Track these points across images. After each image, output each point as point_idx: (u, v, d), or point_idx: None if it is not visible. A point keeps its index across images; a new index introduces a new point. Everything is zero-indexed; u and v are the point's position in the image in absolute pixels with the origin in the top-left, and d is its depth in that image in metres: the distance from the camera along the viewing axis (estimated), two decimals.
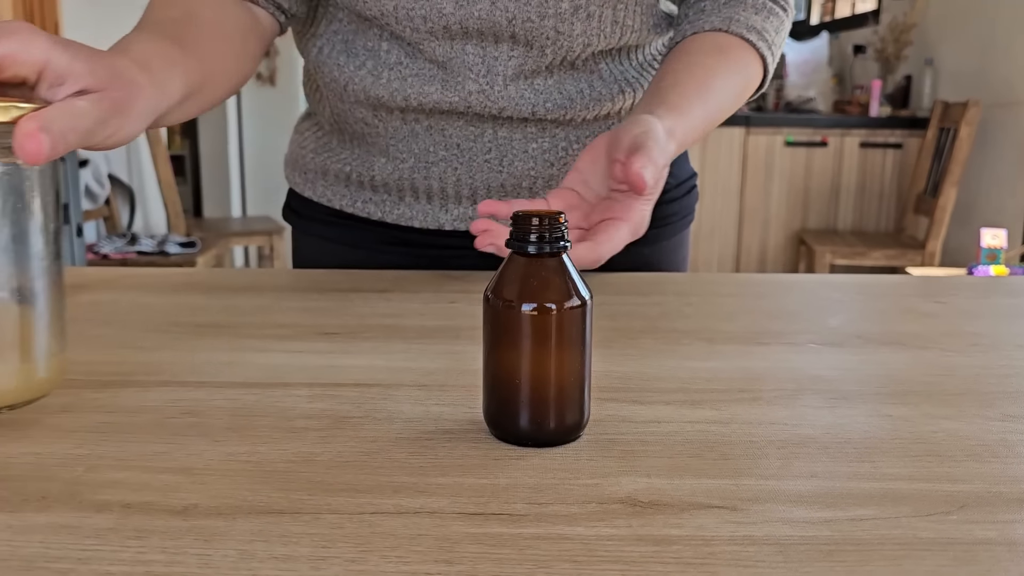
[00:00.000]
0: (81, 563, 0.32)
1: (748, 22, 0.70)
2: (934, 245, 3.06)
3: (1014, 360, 0.58)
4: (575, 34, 0.71)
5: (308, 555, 0.33)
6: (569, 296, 0.42)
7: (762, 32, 0.70)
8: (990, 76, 3.21)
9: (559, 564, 0.32)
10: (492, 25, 0.68)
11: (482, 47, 0.71)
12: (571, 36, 0.71)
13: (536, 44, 0.71)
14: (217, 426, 0.45)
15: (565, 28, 0.70)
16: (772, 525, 0.35)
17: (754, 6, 0.71)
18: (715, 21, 0.70)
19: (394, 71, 0.73)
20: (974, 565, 0.33)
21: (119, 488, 0.38)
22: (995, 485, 0.39)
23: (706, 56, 0.69)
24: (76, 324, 0.64)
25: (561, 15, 0.69)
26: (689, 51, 0.70)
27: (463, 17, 0.68)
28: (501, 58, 0.71)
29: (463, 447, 0.43)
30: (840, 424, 0.46)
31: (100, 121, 0.47)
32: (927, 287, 0.81)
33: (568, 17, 0.69)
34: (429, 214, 0.81)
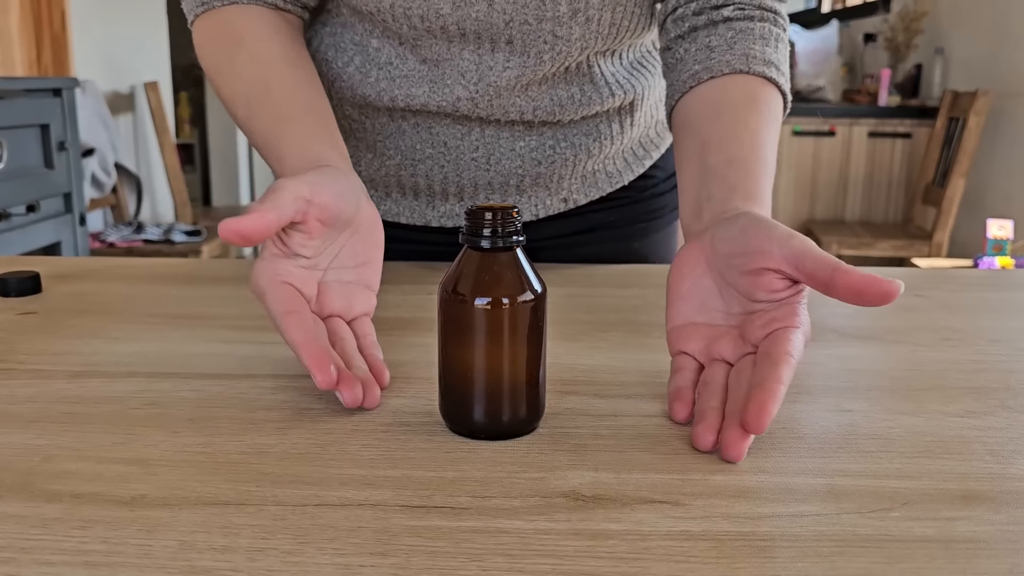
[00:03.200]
0: (23, 552, 0.33)
1: (764, 57, 0.64)
2: (941, 236, 3.04)
3: (984, 355, 0.58)
4: (573, 38, 0.69)
5: (247, 546, 0.33)
6: (522, 290, 0.42)
7: (778, 65, 0.65)
8: (1001, 66, 3.18)
9: (493, 557, 0.33)
10: (489, 27, 0.67)
11: (478, 54, 0.69)
12: (569, 40, 0.69)
13: (533, 50, 0.69)
14: (178, 417, 0.46)
15: (563, 32, 0.68)
16: (711, 520, 0.36)
17: (763, 36, 0.66)
18: (732, 61, 0.63)
19: (383, 71, 0.72)
20: (907, 563, 0.33)
21: (72, 479, 0.39)
22: (943, 482, 0.39)
23: (746, 115, 0.61)
24: (53, 314, 0.65)
25: (559, 18, 0.67)
26: (720, 109, 0.62)
27: (460, 18, 0.67)
28: (496, 68, 0.70)
29: (417, 440, 0.43)
30: (797, 419, 0.46)
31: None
32: (911, 280, 0.81)
33: (566, 21, 0.67)
34: (416, 210, 0.81)
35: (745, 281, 0.47)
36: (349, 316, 0.52)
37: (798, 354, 0.44)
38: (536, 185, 0.79)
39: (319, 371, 0.43)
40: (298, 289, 0.49)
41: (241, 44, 0.65)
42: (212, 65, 0.68)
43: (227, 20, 0.67)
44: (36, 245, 2.03)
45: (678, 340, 0.50)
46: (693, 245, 0.52)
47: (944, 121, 3.24)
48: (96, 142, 2.79)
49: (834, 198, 3.64)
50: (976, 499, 0.38)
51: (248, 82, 0.64)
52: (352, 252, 0.53)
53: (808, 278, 0.44)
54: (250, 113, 0.63)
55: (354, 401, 0.45)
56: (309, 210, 0.48)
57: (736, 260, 0.48)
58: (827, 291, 0.43)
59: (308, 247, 0.50)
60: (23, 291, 0.70)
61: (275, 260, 0.49)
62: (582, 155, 0.79)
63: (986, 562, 0.33)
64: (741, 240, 0.48)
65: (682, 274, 0.51)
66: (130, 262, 0.84)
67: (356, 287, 0.53)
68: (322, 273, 0.52)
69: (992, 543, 0.34)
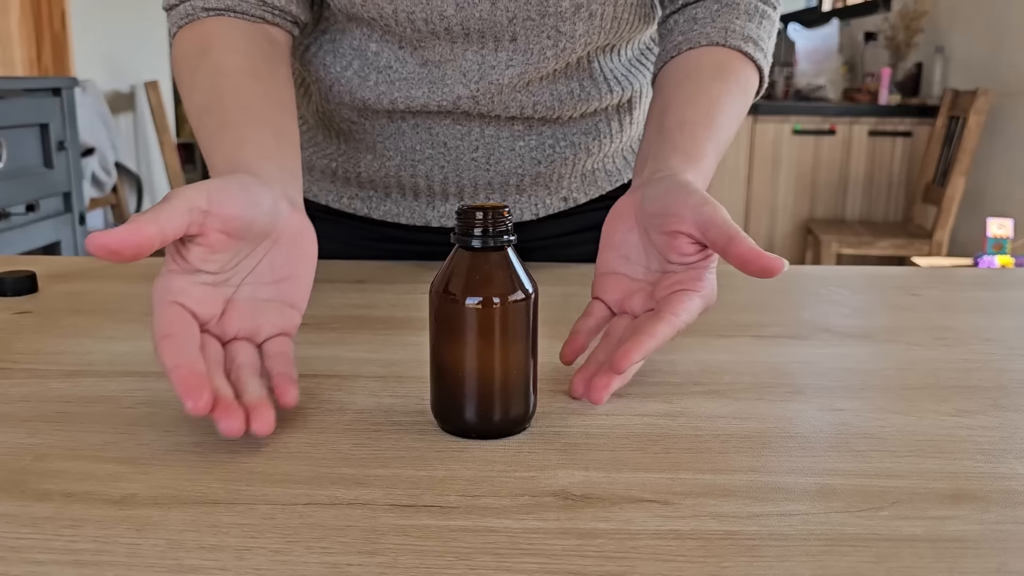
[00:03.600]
0: (12, 551, 0.33)
1: (744, 32, 0.66)
2: (942, 235, 3.04)
3: (977, 355, 0.58)
4: (577, 34, 0.69)
5: (235, 545, 0.33)
6: (513, 290, 0.42)
7: (758, 41, 0.67)
8: (1001, 65, 3.18)
9: (480, 556, 0.33)
10: (493, 25, 0.67)
11: (481, 54, 0.69)
12: (572, 37, 0.69)
13: (536, 47, 0.69)
14: (170, 416, 0.46)
15: (566, 28, 0.68)
16: (700, 519, 0.36)
17: (747, 12, 0.67)
18: (711, 33, 0.66)
19: (383, 74, 0.72)
20: (895, 562, 0.33)
21: (63, 477, 0.39)
22: (932, 481, 0.39)
23: (710, 82, 0.63)
24: (49, 314, 0.65)
25: (562, 14, 0.67)
26: (689, 74, 0.64)
27: (464, 18, 0.66)
28: (499, 67, 0.69)
29: (408, 439, 0.43)
30: (788, 418, 0.46)
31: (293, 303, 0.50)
32: (907, 279, 0.81)
33: (569, 16, 0.67)
34: (416, 211, 0.81)
35: (662, 241, 0.51)
36: (260, 337, 0.47)
37: (688, 316, 0.48)
38: (536, 184, 0.79)
39: (187, 396, 0.39)
40: (190, 309, 0.44)
41: (207, 55, 0.62)
42: (178, 77, 0.65)
43: (204, 32, 0.64)
44: (36, 244, 2.04)
45: (599, 287, 0.54)
46: (628, 198, 0.55)
47: (944, 120, 3.24)
48: (96, 141, 2.79)
49: (834, 197, 3.64)
50: (965, 498, 0.38)
51: (204, 93, 0.60)
52: (271, 267, 0.49)
53: (711, 243, 0.48)
54: (199, 124, 0.59)
55: (231, 430, 0.39)
56: (207, 221, 0.44)
57: (656, 220, 0.51)
58: (724, 257, 0.47)
59: (211, 262, 0.45)
60: (19, 290, 0.70)
61: (171, 276, 0.44)
62: (582, 154, 0.79)
63: (974, 561, 0.33)
64: (663, 201, 0.51)
65: (616, 224, 0.54)
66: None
67: (273, 304, 0.48)
68: (233, 290, 0.47)
69: (980, 542, 0.34)
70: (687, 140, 0.58)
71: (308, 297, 0.50)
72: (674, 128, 0.60)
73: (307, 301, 0.50)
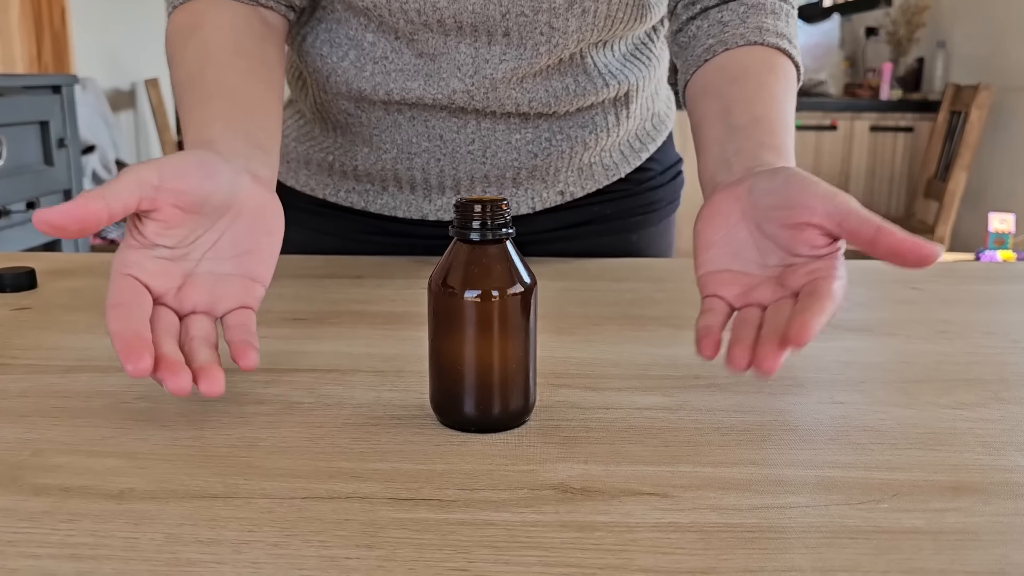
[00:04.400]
0: (10, 546, 0.33)
1: (777, 29, 0.65)
2: (943, 230, 3.03)
3: (979, 348, 0.57)
4: (570, 30, 0.68)
5: (233, 539, 0.33)
6: (512, 283, 0.42)
7: (790, 38, 0.66)
8: (1003, 60, 3.17)
9: (479, 550, 0.33)
10: (486, 19, 0.67)
11: (475, 47, 0.69)
12: (566, 32, 0.68)
13: (530, 42, 0.69)
14: (168, 411, 0.46)
15: (559, 24, 0.68)
16: (699, 512, 0.35)
17: (774, 10, 0.66)
18: (747, 33, 0.65)
19: (379, 65, 0.72)
20: (895, 554, 0.33)
21: (61, 472, 0.39)
22: (933, 473, 0.39)
23: (767, 80, 0.62)
24: (49, 310, 0.65)
25: (555, 10, 0.67)
26: (739, 73, 0.63)
27: (457, 11, 0.67)
28: (492, 60, 0.69)
29: (407, 433, 0.43)
30: (789, 411, 0.46)
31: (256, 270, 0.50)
32: (909, 273, 0.80)
33: (563, 12, 0.67)
34: (412, 204, 0.81)
35: (785, 234, 0.47)
36: (219, 311, 0.47)
37: (839, 299, 0.44)
38: (532, 178, 0.79)
39: (128, 358, 0.39)
40: (144, 282, 0.44)
41: (195, 32, 0.63)
42: (168, 53, 0.65)
43: (196, 10, 0.65)
44: (36, 242, 2.04)
45: (712, 284, 0.49)
46: (726, 194, 0.51)
47: (946, 115, 3.23)
48: (97, 139, 2.79)
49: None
50: (966, 490, 0.38)
51: (187, 68, 0.60)
52: (233, 240, 0.48)
53: (851, 236, 0.45)
54: (179, 99, 0.59)
55: (178, 389, 0.40)
56: (159, 196, 0.44)
57: (777, 213, 0.47)
58: (870, 250, 0.43)
59: (168, 236, 0.45)
60: (18, 287, 0.70)
61: (126, 251, 0.45)
62: (578, 147, 0.79)
63: (974, 553, 0.33)
64: (784, 193, 0.47)
65: (714, 223, 0.50)
66: None
67: (233, 279, 0.48)
68: (194, 264, 0.47)
69: (981, 534, 0.34)
70: (769, 136, 0.56)
71: (272, 270, 0.50)
72: (751, 125, 0.57)
73: (271, 274, 0.50)
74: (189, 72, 0.60)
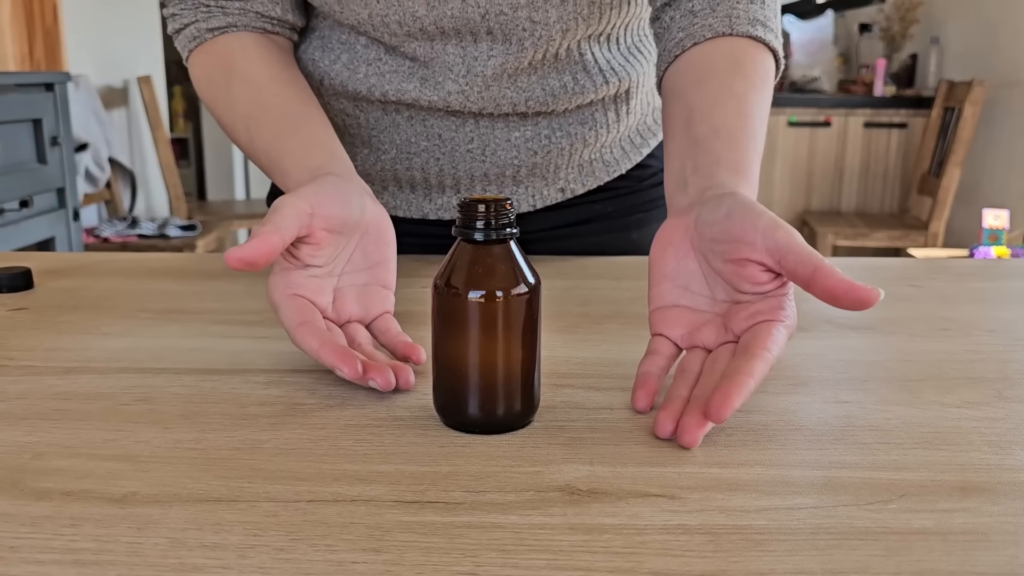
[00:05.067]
0: (12, 551, 0.32)
1: (749, 15, 0.62)
2: (937, 226, 3.04)
3: (981, 346, 0.57)
4: (551, 21, 0.68)
5: (238, 543, 0.33)
6: (516, 283, 0.42)
7: (766, 22, 0.63)
8: (996, 56, 3.18)
9: (487, 553, 0.32)
10: (467, 22, 0.67)
11: (462, 47, 0.69)
12: (547, 24, 0.68)
13: (514, 38, 0.68)
14: (169, 413, 0.45)
15: (540, 17, 0.67)
16: (708, 514, 0.35)
17: None
18: (714, 24, 0.62)
19: (372, 67, 0.72)
20: (905, 555, 0.32)
21: (62, 476, 0.38)
22: (940, 473, 0.39)
23: (731, 79, 0.59)
24: (45, 310, 0.64)
25: (534, 4, 0.66)
26: (705, 74, 0.60)
27: (437, 17, 0.66)
28: (481, 58, 0.69)
29: (411, 435, 0.43)
30: (793, 411, 0.46)
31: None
32: (908, 270, 0.80)
33: (541, 5, 0.66)
34: (413, 204, 0.81)
35: (729, 270, 0.46)
36: (368, 318, 0.53)
37: (778, 349, 0.43)
38: (533, 175, 0.79)
39: (345, 364, 0.45)
40: (310, 299, 0.50)
41: (234, 70, 0.67)
42: (210, 96, 0.69)
43: (220, 51, 0.68)
44: (30, 241, 2.02)
45: (660, 323, 0.49)
46: (677, 222, 0.50)
47: (940, 111, 3.23)
48: (90, 137, 2.78)
49: (830, 188, 3.64)
50: (974, 490, 0.37)
51: (245, 105, 0.65)
52: (364, 254, 0.54)
53: (789, 274, 0.43)
54: (251, 136, 0.65)
55: (388, 384, 0.46)
56: (313, 223, 0.49)
57: (720, 247, 0.46)
58: (807, 289, 0.42)
59: (319, 257, 0.51)
60: (14, 287, 0.69)
61: (287, 273, 0.50)
62: (578, 144, 0.78)
63: (984, 554, 0.33)
64: (726, 226, 0.46)
65: (666, 253, 0.49)
66: (122, 257, 0.83)
67: (372, 288, 0.54)
68: (336, 279, 0.53)
69: (990, 534, 0.34)
70: (728, 150, 0.54)
71: (395, 277, 0.55)
72: (709, 137, 0.55)
73: (395, 281, 0.55)
74: (249, 109, 0.65)
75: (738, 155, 0.54)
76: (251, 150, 0.66)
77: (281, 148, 0.62)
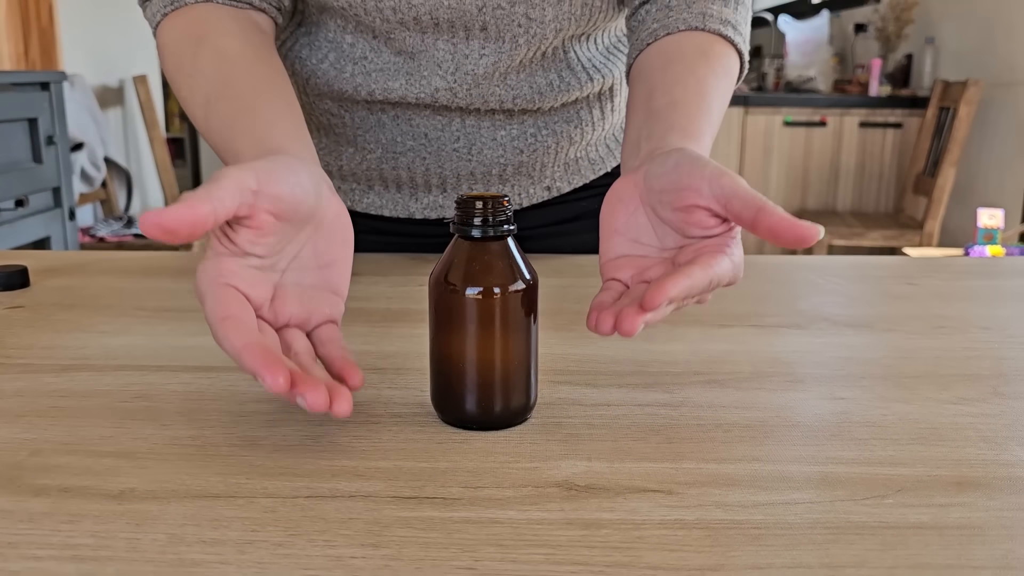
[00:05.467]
0: (10, 547, 0.32)
1: (722, 16, 0.65)
2: (932, 225, 3.05)
3: (976, 343, 0.58)
4: (547, 20, 0.68)
5: (236, 539, 0.33)
6: (514, 279, 0.42)
7: (736, 26, 0.65)
8: (991, 56, 3.18)
9: (485, 548, 0.32)
10: (462, 15, 0.67)
11: (453, 43, 0.69)
12: (543, 23, 0.68)
13: (508, 35, 0.68)
14: (167, 410, 0.45)
15: (536, 14, 0.68)
16: (705, 509, 0.35)
17: None
18: (688, 18, 0.64)
19: (358, 65, 0.71)
20: (902, 550, 0.33)
21: (60, 472, 0.38)
22: (936, 469, 0.39)
23: (695, 63, 0.62)
24: (42, 308, 0.64)
25: (531, 0, 0.67)
26: (672, 58, 0.63)
27: (433, 7, 0.66)
28: (472, 56, 0.69)
29: (408, 431, 0.43)
30: (790, 407, 0.46)
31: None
32: (903, 269, 0.81)
33: (539, 3, 0.67)
34: (399, 203, 0.81)
35: (677, 217, 0.46)
36: (309, 325, 0.45)
37: (720, 271, 0.43)
38: (519, 174, 0.79)
39: (268, 372, 0.36)
40: (243, 292, 0.42)
41: (203, 42, 0.60)
42: (173, 66, 0.62)
43: (193, 17, 0.63)
44: (25, 240, 2.02)
45: (611, 270, 0.48)
46: (627, 179, 0.50)
47: (935, 111, 3.24)
48: (85, 136, 2.78)
49: (826, 188, 3.65)
50: (969, 485, 0.38)
51: (209, 78, 0.58)
52: (315, 252, 0.46)
53: (735, 217, 0.43)
54: (208, 111, 0.57)
55: (318, 404, 0.37)
56: (257, 202, 0.41)
57: (668, 196, 0.46)
58: (752, 229, 0.42)
59: (260, 245, 0.43)
60: (11, 285, 0.69)
61: (220, 259, 0.42)
62: (564, 142, 0.78)
63: (980, 548, 0.33)
64: (673, 177, 0.46)
65: (616, 209, 0.49)
66: (118, 255, 0.83)
67: (319, 292, 0.46)
68: (279, 275, 0.45)
69: (986, 529, 0.34)
70: (682, 118, 0.55)
71: (348, 283, 0.48)
72: (666, 108, 0.56)
73: (348, 287, 0.48)
74: (212, 83, 0.58)
75: (689, 123, 0.55)
76: (206, 128, 0.58)
77: (237, 126, 0.54)
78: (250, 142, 0.52)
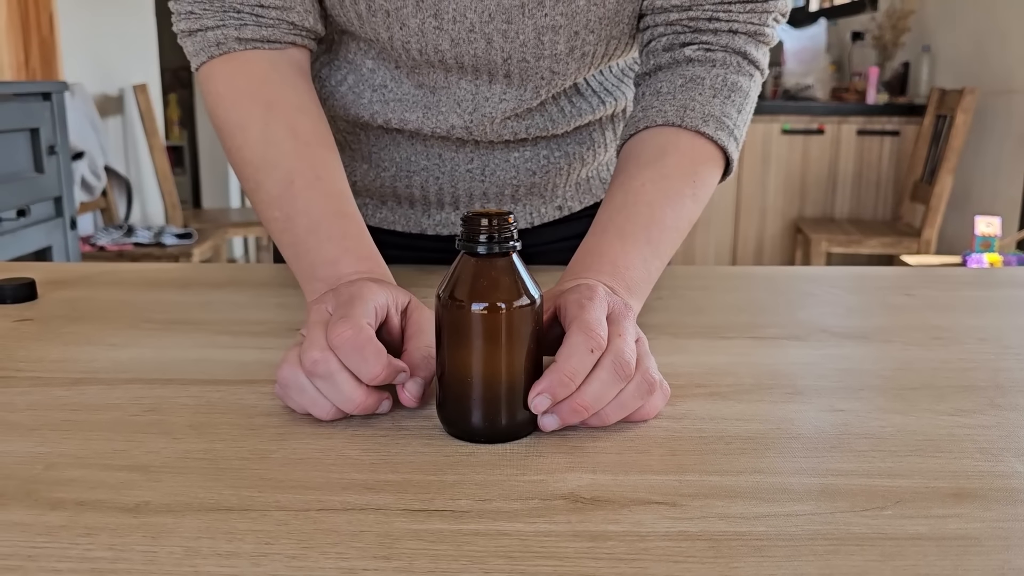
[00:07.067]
0: (30, 560, 0.33)
1: (705, 110, 0.63)
2: (930, 233, 3.06)
3: (974, 354, 0.58)
4: (569, 72, 0.69)
5: (251, 551, 0.34)
6: (519, 295, 0.43)
7: (721, 119, 0.63)
8: (987, 64, 3.20)
9: (494, 560, 0.33)
10: (488, 63, 0.67)
11: (475, 84, 0.69)
12: (565, 75, 0.69)
13: (530, 84, 0.69)
14: (178, 424, 0.46)
15: (560, 68, 0.68)
16: (708, 521, 0.36)
17: (713, 86, 0.64)
18: (669, 112, 0.63)
19: (377, 93, 0.72)
20: (901, 560, 0.33)
21: (74, 486, 0.39)
22: (934, 480, 0.40)
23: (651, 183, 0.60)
24: (50, 321, 0.65)
25: (557, 56, 0.67)
26: (639, 167, 0.62)
27: (459, 54, 0.67)
28: (492, 99, 0.70)
29: (416, 444, 0.44)
30: (791, 419, 0.47)
31: None
32: (901, 279, 0.81)
33: (563, 58, 0.67)
34: (411, 219, 0.82)
35: None
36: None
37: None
38: (531, 194, 0.80)
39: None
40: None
41: (271, 110, 0.62)
42: (236, 120, 0.62)
43: (254, 73, 0.63)
44: (27, 250, 2.03)
45: None
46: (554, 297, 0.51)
47: (932, 119, 3.26)
48: (85, 145, 2.78)
49: (823, 196, 3.66)
50: (967, 497, 0.38)
51: (291, 160, 0.60)
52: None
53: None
54: (293, 193, 0.59)
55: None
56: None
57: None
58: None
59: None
60: (19, 298, 0.70)
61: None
62: (576, 163, 0.79)
63: (977, 559, 0.34)
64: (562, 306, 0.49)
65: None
66: (122, 267, 0.84)
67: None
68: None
69: (983, 540, 0.35)
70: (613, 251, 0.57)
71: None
72: (613, 238, 0.58)
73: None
74: (293, 168, 0.60)
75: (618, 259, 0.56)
76: (277, 202, 0.60)
77: (334, 228, 0.58)
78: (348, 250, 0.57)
